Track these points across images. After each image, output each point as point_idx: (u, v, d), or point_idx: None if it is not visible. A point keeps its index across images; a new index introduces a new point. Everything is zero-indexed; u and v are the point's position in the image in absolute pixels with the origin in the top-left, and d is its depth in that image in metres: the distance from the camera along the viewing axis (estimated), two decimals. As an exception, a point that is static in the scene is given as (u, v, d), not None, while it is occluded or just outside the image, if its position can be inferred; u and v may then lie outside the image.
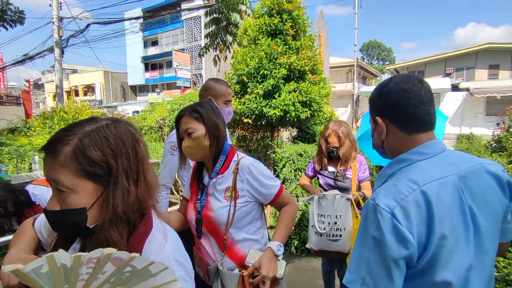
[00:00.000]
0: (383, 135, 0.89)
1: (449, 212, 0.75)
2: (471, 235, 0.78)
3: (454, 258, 0.75)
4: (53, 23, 12.49)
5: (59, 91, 12.73)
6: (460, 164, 0.82)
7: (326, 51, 7.60)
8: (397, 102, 0.84)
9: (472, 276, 0.78)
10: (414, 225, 0.72)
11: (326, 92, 4.15)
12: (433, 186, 0.76)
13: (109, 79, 34.46)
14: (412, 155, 0.83)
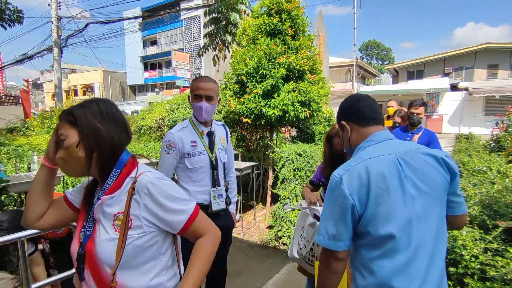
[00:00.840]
0: (349, 133, 1.20)
1: (384, 178, 0.99)
2: (409, 197, 1.00)
3: (394, 214, 0.98)
4: (52, 23, 12.46)
5: (58, 91, 12.70)
6: (399, 148, 1.08)
7: (325, 50, 7.60)
8: (352, 107, 1.20)
9: (414, 231, 0.99)
10: (355, 186, 0.99)
11: (325, 92, 4.15)
12: (374, 160, 1.03)
13: (108, 79, 34.39)
14: (365, 142, 1.14)
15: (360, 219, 1.01)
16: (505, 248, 1.60)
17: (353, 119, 1.19)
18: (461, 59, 20.57)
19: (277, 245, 3.73)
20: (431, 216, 1.02)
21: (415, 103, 3.08)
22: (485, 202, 2.04)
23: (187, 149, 1.87)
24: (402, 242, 0.98)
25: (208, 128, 1.97)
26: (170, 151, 1.83)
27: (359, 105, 1.18)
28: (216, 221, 1.94)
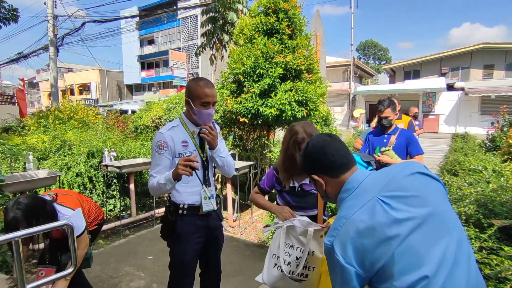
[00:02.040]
0: (324, 186, 1.10)
1: (374, 231, 0.87)
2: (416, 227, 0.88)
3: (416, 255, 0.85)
4: (48, 22, 12.37)
5: (54, 90, 12.60)
6: (377, 185, 0.97)
7: (323, 50, 7.61)
8: (319, 159, 1.09)
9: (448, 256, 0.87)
10: (349, 254, 0.89)
11: (322, 91, 4.16)
12: (357, 214, 0.92)
13: (105, 78, 34.22)
14: (342, 194, 1.04)
15: (373, 278, 0.90)
16: (499, 246, 1.62)
17: (324, 172, 1.09)
18: (457, 59, 20.71)
19: (274, 244, 3.73)
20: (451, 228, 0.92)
21: (379, 108, 2.80)
22: (481, 201, 2.06)
23: (178, 149, 1.82)
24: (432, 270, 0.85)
25: (198, 128, 1.89)
26: (162, 151, 1.78)
27: (325, 155, 1.07)
28: (207, 221, 1.93)
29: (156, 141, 1.79)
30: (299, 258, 1.62)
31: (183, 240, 1.86)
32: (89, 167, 4.46)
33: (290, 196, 1.85)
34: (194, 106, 1.76)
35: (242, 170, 4.21)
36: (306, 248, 1.60)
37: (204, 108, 1.78)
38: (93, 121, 7.26)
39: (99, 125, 6.52)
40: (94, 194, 4.51)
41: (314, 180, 1.12)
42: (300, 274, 1.63)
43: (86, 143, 4.73)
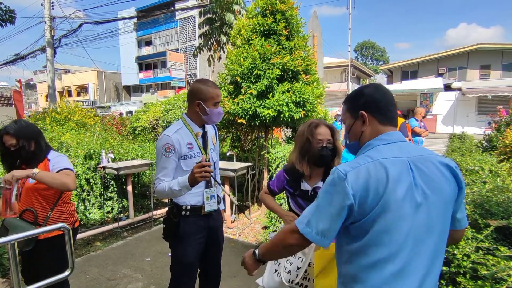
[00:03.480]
0: (365, 126, 1.07)
1: (394, 183, 0.91)
2: (414, 207, 0.92)
3: (395, 224, 0.91)
4: (45, 23, 12.32)
5: (51, 92, 12.56)
6: (412, 152, 1.00)
7: (320, 51, 7.63)
8: (380, 99, 1.07)
9: (412, 243, 0.92)
10: (360, 187, 0.90)
11: (319, 92, 4.17)
12: (386, 161, 0.94)
13: (103, 79, 34.14)
14: (375, 141, 1.04)
15: (356, 222, 0.94)
16: (496, 247, 1.62)
17: (377, 114, 1.06)
18: (454, 59, 20.81)
19: (273, 245, 3.73)
20: (434, 229, 0.95)
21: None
22: (477, 201, 2.06)
23: (184, 152, 1.83)
24: (398, 255, 0.91)
25: (201, 129, 1.94)
26: (170, 154, 1.75)
27: (386, 99, 1.07)
28: (208, 221, 1.94)
29: (163, 144, 1.75)
30: (300, 268, 1.62)
31: (186, 241, 1.86)
32: (87, 169, 4.44)
33: (303, 200, 1.80)
34: (207, 106, 1.81)
35: (240, 171, 4.21)
36: (307, 259, 1.60)
37: (215, 108, 1.84)
38: (90, 122, 7.24)
39: (96, 126, 6.50)
40: (91, 196, 4.50)
41: (357, 116, 1.09)
42: (300, 284, 1.62)
43: (84, 145, 4.71)
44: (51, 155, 1.98)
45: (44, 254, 1.91)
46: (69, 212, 2.05)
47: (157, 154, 1.78)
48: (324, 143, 1.72)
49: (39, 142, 1.95)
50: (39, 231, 1.73)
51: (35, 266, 1.98)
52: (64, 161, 1.97)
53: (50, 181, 1.80)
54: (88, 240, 3.99)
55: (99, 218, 4.46)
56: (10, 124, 1.89)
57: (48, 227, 1.80)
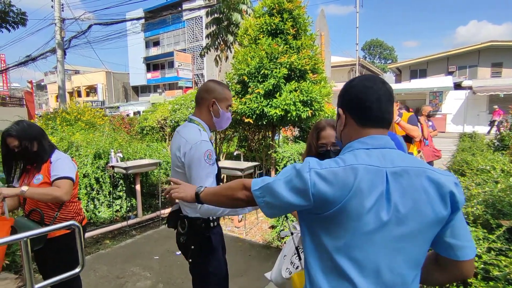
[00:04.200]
0: (342, 126, 0.98)
1: (360, 192, 0.81)
2: (378, 223, 0.82)
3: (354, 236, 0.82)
4: (55, 25, 12.53)
5: (62, 92, 12.76)
6: (397, 162, 0.87)
7: (327, 50, 7.58)
8: (356, 97, 0.94)
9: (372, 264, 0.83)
10: (320, 190, 0.82)
11: (327, 91, 4.15)
12: (357, 167, 0.83)
13: (111, 80, 34.55)
14: (356, 143, 0.92)
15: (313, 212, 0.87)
16: (508, 247, 1.59)
17: (352, 113, 0.95)
18: (465, 57, 20.45)
19: (280, 245, 3.73)
20: (401, 254, 0.84)
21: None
22: (489, 201, 2.03)
23: None
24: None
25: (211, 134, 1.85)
26: (212, 161, 1.60)
27: (366, 96, 0.92)
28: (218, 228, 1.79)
29: (205, 150, 1.57)
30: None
31: (218, 252, 1.75)
32: (96, 168, 4.50)
33: None
34: (221, 108, 1.69)
35: (247, 170, 4.21)
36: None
37: (227, 111, 1.74)
38: (99, 122, 7.34)
39: (105, 126, 6.59)
40: (101, 195, 4.56)
41: (338, 114, 1.01)
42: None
43: (93, 144, 4.78)
44: (54, 156, 1.98)
45: (52, 253, 1.93)
46: (75, 211, 2.07)
47: (198, 161, 1.55)
48: (328, 146, 1.67)
49: (42, 143, 1.96)
50: (50, 229, 1.76)
51: (45, 265, 2.02)
52: (62, 167, 1.94)
53: (40, 198, 1.84)
54: (97, 238, 4.04)
55: (108, 217, 4.52)
56: (13, 126, 1.91)
57: (60, 225, 1.83)
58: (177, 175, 1.62)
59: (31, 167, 1.96)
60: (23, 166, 1.99)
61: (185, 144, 1.56)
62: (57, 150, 2.04)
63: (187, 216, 1.61)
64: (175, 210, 1.70)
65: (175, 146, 1.63)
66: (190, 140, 1.56)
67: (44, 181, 1.91)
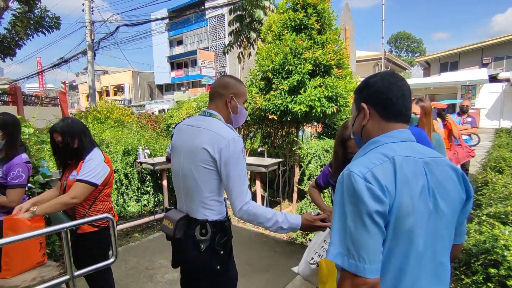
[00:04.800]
0: (365, 120, 0.98)
1: (407, 184, 0.82)
2: (427, 212, 0.84)
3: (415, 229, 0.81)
4: (85, 27, 13.12)
5: (92, 92, 13.37)
6: (425, 153, 0.91)
7: (352, 44, 7.39)
8: (382, 91, 0.95)
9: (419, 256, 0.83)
10: (383, 189, 0.80)
11: (352, 86, 4.05)
12: (400, 159, 0.84)
13: (137, 79, 35.68)
14: (384, 138, 0.93)
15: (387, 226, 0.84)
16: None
17: (378, 108, 0.96)
18: (502, 48, 19.18)
19: (304, 241, 3.71)
20: (442, 241, 0.88)
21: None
22: (530, 200, 1.91)
23: None
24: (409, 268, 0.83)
25: None
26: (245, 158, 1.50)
27: (391, 92, 0.94)
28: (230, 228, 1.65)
29: (241, 147, 1.44)
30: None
31: (231, 254, 1.61)
32: (125, 164, 4.69)
33: None
34: (239, 104, 1.59)
35: (271, 167, 4.22)
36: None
37: (244, 107, 1.66)
38: (127, 120, 7.61)
39: (133, 124, 6.83)
40: (129, 190, 4.74)
41: (360, 109, 1.00)
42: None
43: (122, 141, 4.97)
44: (89, 156, 2.02)
45: (82, 248, 2.01)
46: (104, 210, 2.11)
47: (237, 158, 1.41)
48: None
49: (82, 140, 2.02)
50: (87, 220, 1.87)
51: (76, 259, 2.13)
52: (87, 169, 1.97)
53: (53, 211, 1.91)
54: (127, 231, 4.21)
55: (136, 211, 4.70)
56: (59, 122, 2.02)
57: (95, 217, 1.94)
58: (201, 171, 1.44)
59: (71, 163, 2.07)
60: (66, 161, 2.11)
61: (219, 138, 1.40)
62: (96, 148, 2.09)
63: (208, 220, 1.45)
64: (183, 216, 1.49)
65: (201, 141, 1.43)
66: (224, 136, 1.41)
67: None
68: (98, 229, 2.04)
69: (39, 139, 3.78)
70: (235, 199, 1.39)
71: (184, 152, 1.50)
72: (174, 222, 1.47)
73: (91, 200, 2.05)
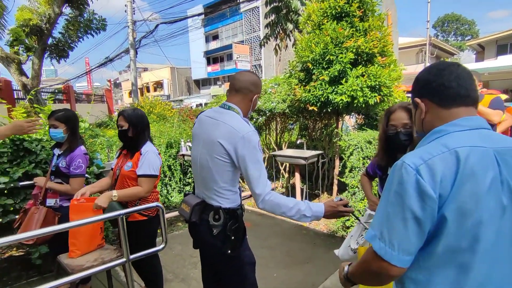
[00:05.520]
0: (423, 113, 0.92)
1: (474, 177, 0.74)
2: (499, 207, 0.76)
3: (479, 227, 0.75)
4: (128, 27, 13.82)
5: (134, 88, 14.11)
6: (499, 141, 0.81)
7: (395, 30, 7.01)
8: (432, 80, 0.89)
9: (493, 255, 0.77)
10: (437, 183, 0.75)
11: (397, 75, 3.84)
12: (464, 150, 0.76)
13: (175, 75, 36.94)
14: (448, 126, 0.85)
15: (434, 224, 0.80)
16: None
17: (431, 97, 0.90)
18: None
19: (345, 235, 3.64)
20: None
21: None
22: None
23: None
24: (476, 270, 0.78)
25: None
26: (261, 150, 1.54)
27: (442, 77, 0.87)
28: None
29: (257, 140, 1.48)
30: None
31: (246, 240, 1.67)
32: (168, 157, 4.91)
33: None
34: (258, 97, 1.65)
35: (311, 159, 4.17)
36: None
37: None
38: (169, 114, 7.94)
39: (174, 118, 7.11)
40: (172, 181, 4.97)
41: (415, 105, 0.95)
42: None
43: (165, 134, 5.20)
44: (144, 148, 2.14)
45: (132, 235, 2.11)
46: (153, 200, 2.24)
47: (254, 152, 1.45)
48: (398, 128, 1.64)
49: (140, 132, 2.16)
50: (140, 208, 2.00)
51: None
52: (148, 163, 2.10)
53: (128, 199, 2.10)
54: (171, 220, 4.43)
55: (179, 201, 4.92)
56: (129, 109, 2.19)
57: (147, 205, 2.07)
58: (216, 163, 1.50)
59: (127, 152, 2.21)
60: (122, 148, 2.26)
61: (235, 133, 1.45)
62: (149, 142, 2.21)
63: (221, 207, 1.52)
64: (199, 202, 1.57)
65: (218, 134, 1.48)
66: (239, 129, 1.45)
67: (133, 169, 2.12)
68: (147, 218, 2.17)
69: (93, 133, 4.09)
70: (256, 192, 1.44)
71: (202, 142, 1.58)
72: (191, 207, 1.57)
73: None
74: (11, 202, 2.69)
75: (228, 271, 1.61)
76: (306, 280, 2.83)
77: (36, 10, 8.24)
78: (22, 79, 8.36)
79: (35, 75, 8.47)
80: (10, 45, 8.39)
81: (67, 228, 1.68)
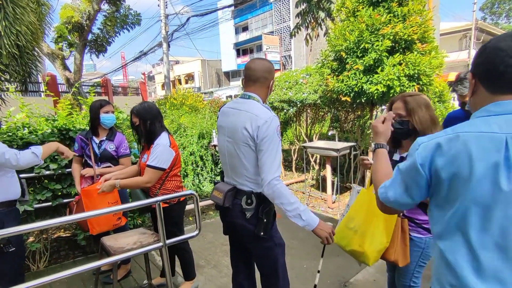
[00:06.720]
0: (470, 92, 0.89)
1: (470, 159, 0.76)
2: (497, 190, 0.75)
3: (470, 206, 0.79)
4: (161, 21, 14.19)
5: (167, 81, 14.55)
6: None
7: (436, 15, 6.55)
8: (488, 60, 0.82)
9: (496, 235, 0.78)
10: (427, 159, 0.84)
11: (438, 62, 3.61)
12: (467, 136, 0.78)
13: (206, 67, 37.51)
14: (479, 112, 0.84)
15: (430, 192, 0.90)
16: None
17: (482, 79, 0.84)
18: None
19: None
20: None
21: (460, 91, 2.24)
22: None
23: None
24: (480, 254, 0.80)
25: None
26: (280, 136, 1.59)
27: (500, 60, 0.78)
28: None
29: (277, 125, 1.53)
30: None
31: (275, 223, 1.76)
32: (200, 147, 5.03)
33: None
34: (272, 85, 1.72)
35: (342, 151, 4.07)
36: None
37: None
38: (200, 106, 8.11)
39: (206, 109, 7.25)
40: (204, 171, 5.09)
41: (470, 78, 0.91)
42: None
43: (197, 125, 5.33)
44: (156, 141, 2.18)
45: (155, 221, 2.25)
46: (172, 188, 2.29)
47: (272, 136, 1.51)
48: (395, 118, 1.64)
49: (153, 124, 2.20)
50: (174, 196, 2.08)
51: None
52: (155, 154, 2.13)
53: (130, 187, 2.21)
54: (203, 209, 4.56)
55: (210, 191, 5.03)
56: (137, 105, 2.28)
57: (181, 193, 2.14)
58: (243, 150, 1.56)
59: (144, 145, 2.30)
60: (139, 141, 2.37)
61: (257, 119, 1.51)
62: (164, 133, 2.24)
63: (253, 191, 1.60)
64: (231, 188, 1.65)
65: (241, 122, 1.55)
66: (261, 115, 1.52)
67: (147, 161, 2.18)
68: (168, 205, 2.24)
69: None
70: (265, 173, 1.49)
71: (228, 132, 1.65)
72: (223, 193, 1.64)
73: (160, 180, 2.24)
74: (59, 187, 2.92)
75: (261, 253, 1.69)
76: (337, 272, 2.81)
77: (78, 7, 8.70)
78: (66, 74, 8.92)
79: (77, 69, 8.99)
80: (55, 41, 8.96)
81: (105, 213, 1.80)
